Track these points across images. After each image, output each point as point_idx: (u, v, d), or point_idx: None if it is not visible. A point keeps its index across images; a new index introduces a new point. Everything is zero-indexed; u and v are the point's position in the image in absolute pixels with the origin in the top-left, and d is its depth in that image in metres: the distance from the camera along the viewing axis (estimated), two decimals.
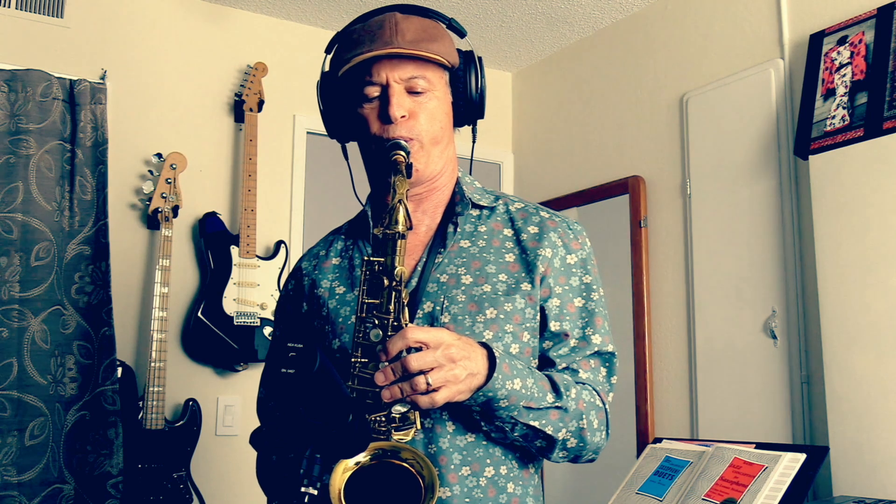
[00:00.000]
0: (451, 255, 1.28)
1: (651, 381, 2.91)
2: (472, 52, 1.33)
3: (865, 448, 2.08)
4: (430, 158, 1.28)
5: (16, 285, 2.57)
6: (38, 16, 2.79)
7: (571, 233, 1.33)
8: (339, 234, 1.42)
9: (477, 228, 1.32)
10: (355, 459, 1.01)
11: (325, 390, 1.01)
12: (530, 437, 1.19)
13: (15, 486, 2.48)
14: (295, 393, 1.01)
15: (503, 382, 1.12)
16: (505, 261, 1.28)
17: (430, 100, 1.26)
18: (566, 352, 1.28)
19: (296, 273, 1.43)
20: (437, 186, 1.33)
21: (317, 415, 1.01)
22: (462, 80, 1.31)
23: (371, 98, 1.25)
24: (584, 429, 1.23)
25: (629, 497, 2.02)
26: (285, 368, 1.01)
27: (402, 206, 1.11)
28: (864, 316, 2.13)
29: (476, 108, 1.34)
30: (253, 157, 2.98)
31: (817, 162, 2.30)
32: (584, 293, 1.31)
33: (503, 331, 1.23)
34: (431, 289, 1.25)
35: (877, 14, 2.27)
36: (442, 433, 1.18)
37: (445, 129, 1.30)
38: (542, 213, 1.35)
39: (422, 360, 1.05)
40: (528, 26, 3.33)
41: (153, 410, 2.64)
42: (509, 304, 1.24)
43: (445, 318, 1.22)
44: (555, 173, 3.52)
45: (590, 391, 1.26)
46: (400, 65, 1.23)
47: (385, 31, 1.23)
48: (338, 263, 1.36)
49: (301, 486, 0.99)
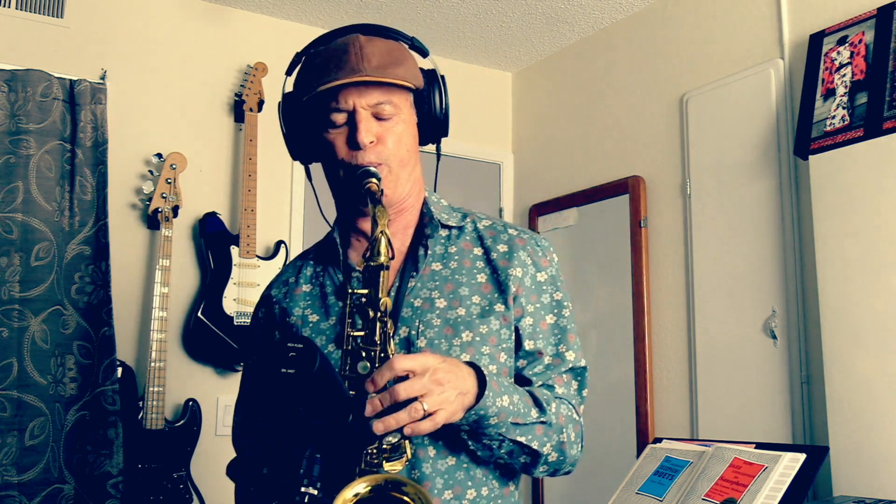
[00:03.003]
0: (424, 278, 1.28)
1: (651, 381, 2.91)
2: (436, 71, 1.32)
3: (865, 448, 2.08)
4: (399, 182, 1.27)
5: (16, 285, 2.57)
6: (38, 16, 2.79)
7: (540, 250, 1.34)
8: (308, 260, 1.40)
9: (447, 249, 1.32)
10: (354, 491, 0.99)
11: (325, 390, 1.01)
12: (516, 453, 1.20)
13: (15, 486, 2.48)
14: (295, 393, 1.01)
15: (493, 400, 1.13)
16: (477, 282, 1.28)
17: (396, 124, 1.25)
18: (541, 370, 1.29)
19: (265, 301, 1.41)
20: (405, 208, 1.32)
21: (317, 415, 1.01)
22: (426, 101, 1.31)
23: (338, 124, 1.24)
24: (564, 442, 1.24)
25: (629, 497, 2.02)
26: (285, 368, 1.01)
27: (384, 237, 1.11)
28: (864, 316, 2.13)
29: (441, 126, 1.33)
30: (253, 157, 2.98)
31: (817, 162, 2.30)
32: (555, 310, 1.32)
33: (480, 353, 1.23)
34: (406, 313, 1.25)
35: (877, 14, 2.27)
36: (424, 458, 1.19)
37: (412, 152, 1.30)
38: (510, 230, 1.35)
39: (410, 388, 1.05)
40: (528, 26, 3.33)
41: (153, 410, 2.64)
42: (484, 327, 1.25)
43: (421, 343, 1.22)
44: (555, 173, 3.52)
45: (567, 405, 1.27)
46: (367, 91, 1.22)
47: (350, 56, 1.22)
48: (309, 291, 1.35)
49: (301, 486, 0.99)
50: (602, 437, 3.08)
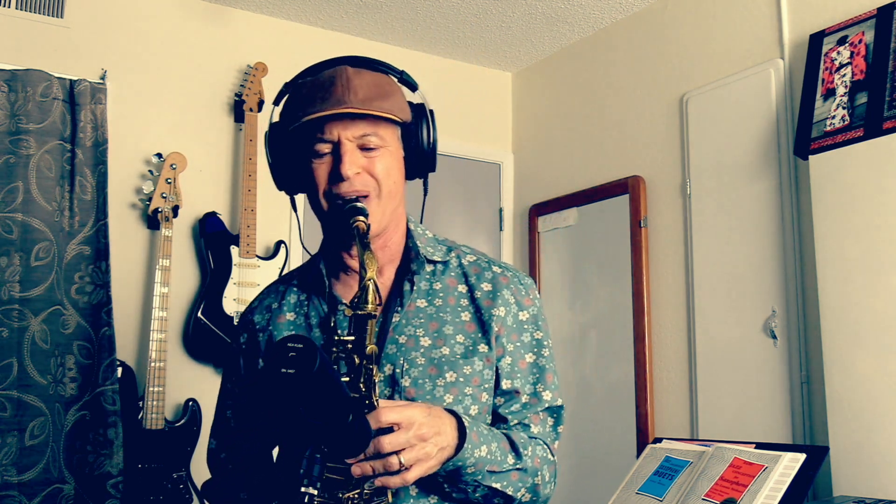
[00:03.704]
0: (409, 314, 1.28)
1: (651, 381, 2.91)
2: (424, 105, 1.32)
3: (865, 448, 2.08)
4: (384, 214, 1.26)
5: (16, 285, 2.57)
6: (38, 16, 2.79)
7: (523, 288, 1.34)
8: (291, 285, 1.39)
9: (432, 286, 1.31)
10: None
11: (325, 390, 1.01)
12: (490, 496, 1.21)
13: (15, 486, 2.48)
14: (295, 393, 1.01)
15: (472, 451, 1.14)
16: (461, 320, 1.28)
17: (382, 155, 1.24)
18: (517, 408, 1.29)
19: (247, 326, 1.39)
20: (386, 240, 1.31)
21: (317, 415, 1.01)
22: (414, 135, 1.30)
23: (322, 154, 1.23)
24: (539, 484, 1.25)
25: (629, 497, 2.02)
26: (285, 368, 1.01)
27: (371, 284, 1.10)
28: (864, 316, 2.13)
29: (428, 160, 1.32)
30: (253, 157, 2.98)
31: (817, 162, 2.30)
32: (534, 349, 1.31)
33: (463, 394, 1.24)
34: (391, 350, 1.25)
35: (877, 14, 2.27)
36: (404, 497, 1.19)
37: (398, 184, 1.29)
38: (494, 267, 1.34)
39: (395, 442, 1.06)
40: (528, 26, 3.33)
41: (153, 410, 2.64)
42: (468, 367, 1.25)
43: (406, 382, 1.22)
44: (555, 173, 3.52)
45: (543, 447, 1.28)
46: (352, 123, 1.22)
47: (336, 87, 1.21)
48: (293, 319, 1.34)
49: (301, 486, 0.99)
50: (602, 437, 3.08)
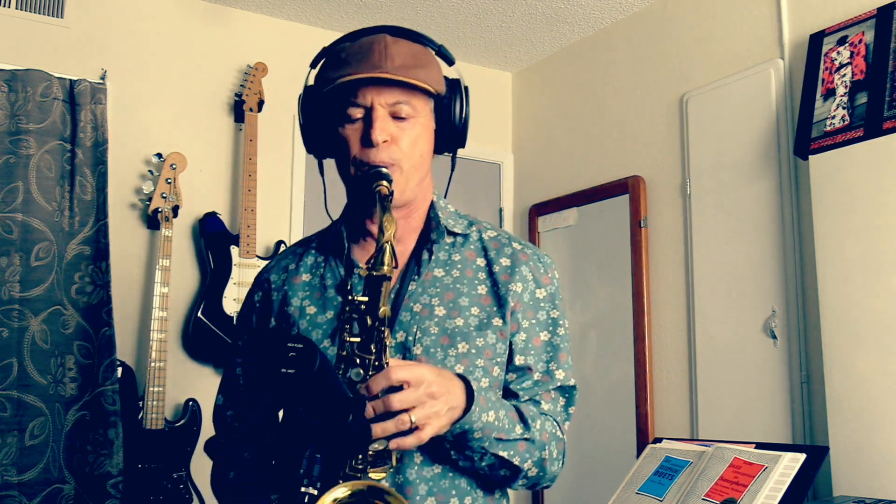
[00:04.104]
0: (425, 283, 1.28)
1: (651, 381, 2.91)
2: (459, 81, 1.32)
3: (865, 448, 2.08)
4: (409, 184, 1.26)
5: (16, 285, 2.57)
6: (38, 16, 2.79)
7: (542, 266, 1.34)
8: (310, 248, 1.39)
9: (451, 257, 1.31)
10: (333, 496, 0.98)
11: (325, 390, 1.01)
12: (496, 466, 1.20)
13: (15, 486, 2.48)
14: (295, 393, 1.01)
15: (479, 415, 1.14)
16: (477, 293, 1.28)
17: (413, 126, 1.25)
18: (529, 385, 1.29)
19: (262, 285, 1.39)
20: (412, 211, 1.32)
21: (317, 415, 1.01)
22: (447, 109, 1.30)
23: (354, 119, 1.23)
24: (546, 459, 1.25)
25: (629, 497, 2.02)
26: (285, 368, 1.01)
27: (389, 246, 1.10)
28: (864, 316, 2.13)
29: (458, 136, 1.33)
30: (253, 157, 2.98)
31: (817, 162, 2.30)
32: (549, 328, 1.31)
33: (474, 365, 1.23)
34: (405, 318, 1.24)
35: (877, 14, 2.27)
36: (409, 464, 1.19)
37: (425, 157, 1.29)
38: (515, 243, 1.35)
39: (405, 399, 1.05)
40: (528, 26, 3.33)
41: (153, 410, 2.64)
42: (481, 339, 1.25)
43: (418, 350, 1.22)
44: (555, 173, 3.52)
45: (552, 422, 1.28)
46: (386, 89, 1.22)
47: (374, 53, 1.22)
48: (308, 280, 1.34)
49: (301, 486, 0.99)
50: (602, 437, 3.08)
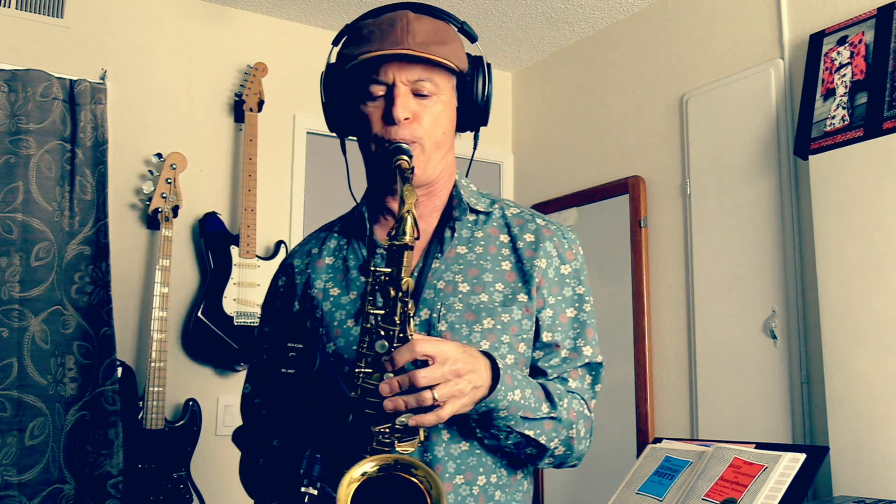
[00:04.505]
0: (449, 261, 1.28)
1: (651, 381, 2.91)
2: (482, 58, 1.32)
3: (865, 448, 2.08)
4: (430, 162, 1.27)
5: (16, 285, 2.57)
6: (38, 16, 2.79)
7: (566, 242, 1.33)
8: (332, 232, 1.39)
9: (474, 234, 1.31)
10: (362, 470, 0.98)
11: (325, 390, 1.01)
12: (522, 444, 1.20)
13: (15, 486, 2.48)
14: (295, 393, 1.01)
15: (505, 394, 1.13)
16: (502, 269, 1.28)
17: (435, 104, 1.25)
18: (557, 362, 1.28)
19: (287, 269, 1.40)
20: (435, 190, 1.32)
21: (317, 415, 1.01)
22: (469, 86, 1.31)
23: (376, 97, 1.24)
24: (573, 438, 1.24)
25: (629, 497, 2.02)
26: (285, 368, 1.01)
27: (410, 216, 1.09)
28: (864, 316, 2.13)
29: (481, 114, 1.33)
30: (253, 157, 2.98)
31: (817, 162, 2.30)
32: (576, 304, 1.31)
33: (500, 341, 1.23)
34: (428, 295, 1.24)
35: (877, 14, 2.27)
36: (437, 441, 1.19)
37: (448, 134, 1.29)
38: (538, 219, 1.34)
39: (430, 376, 1.04)
40: (528, 26, 3.33)
41: (153, 410, 2.64)
42: (506, 315, 1.24)
43: (442, 327, 1.22)
44: (555, 173, 3.52)
45: (579, 400, 1.27)
46: (408, 66, 1.22)
47: (396, 30, 1.22)
48: (331, 263, 1.34)
49: (301, 487, 0.99)
50: (602, 437, 3.07)
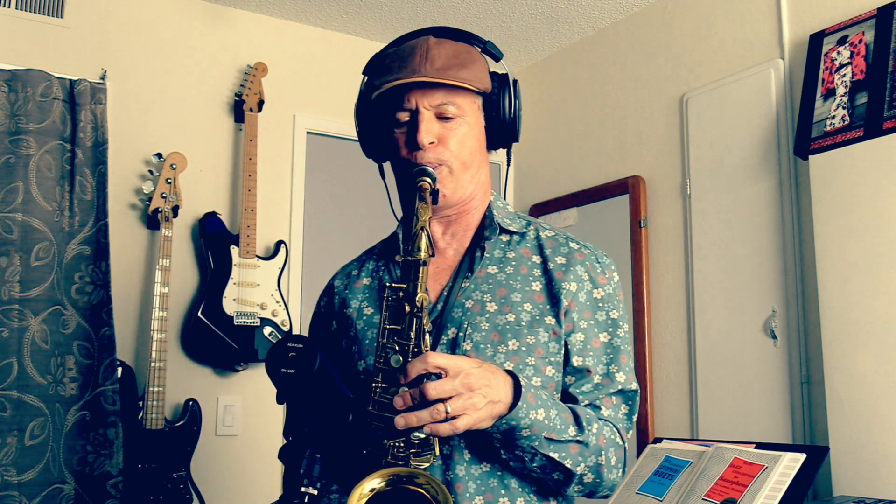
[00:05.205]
0: (478, 280, 1.28)
1: (651, 381, 2.91)
2: (507, 76, 1.33)
3: (865, 448, 2.08)
4: (459, 183, 1.29)
5: (16, 285, 2.57)
6: (38, 16, 2.78)
7: (599, 266, 1.32)
8: (373, 254, 1.43)
9: (506, 254, 1.31)
10: (370, 486, 0.98)
11: (325, 390, 1.01)
12: (548, 468, 1.18)
13: (15, 486, 2.48)
14: (295, 393, 1.01)
15: (527, 412, 1.11)
16: (531, 289, 1.27)
17: (459, 125, 1.27)
18: (589, 388, 1.26)
19: (328, 290, 1.44)
20: (468, 210, 1.34)
21: (317, 415, 1.01)
22: (495, 105, 1.32)
23: (402, 123, 1.27)
24: (602, 465, 1.22)
25: (629, 497, 2.02)
26: (285, 368, 1.01)
27: (424, 233, 1.11)
28: (864, 316, 2.13)
29: (509, 131, 1.34)
30: (253, 157, 2.98)
31: (817, 162, 2.30)
32: (609, 329, 1.29)
33: (524, 363, 1.21)
34: (456, 314, 1.24)
35: (877, 14, 2.27)
36: (459, 461, 1.18)
37: (475, 154, 1.31)
38: (572, 243, 1.34)
39: (440, 389, 1.04)
40: (528, 26, 3.33)
41: (153, 410, 2.64)
42: (532, 337, 1.23)
43: (467, 346, 1.21)
44: (555, 173, 3.52)
45: (611, 428, 1.25)
46: (429, 91, 1.25)
47: (415, 57, 1.25)
48: (368, 284, 1.37)
49: (301, 486, 0.99)
50: None
